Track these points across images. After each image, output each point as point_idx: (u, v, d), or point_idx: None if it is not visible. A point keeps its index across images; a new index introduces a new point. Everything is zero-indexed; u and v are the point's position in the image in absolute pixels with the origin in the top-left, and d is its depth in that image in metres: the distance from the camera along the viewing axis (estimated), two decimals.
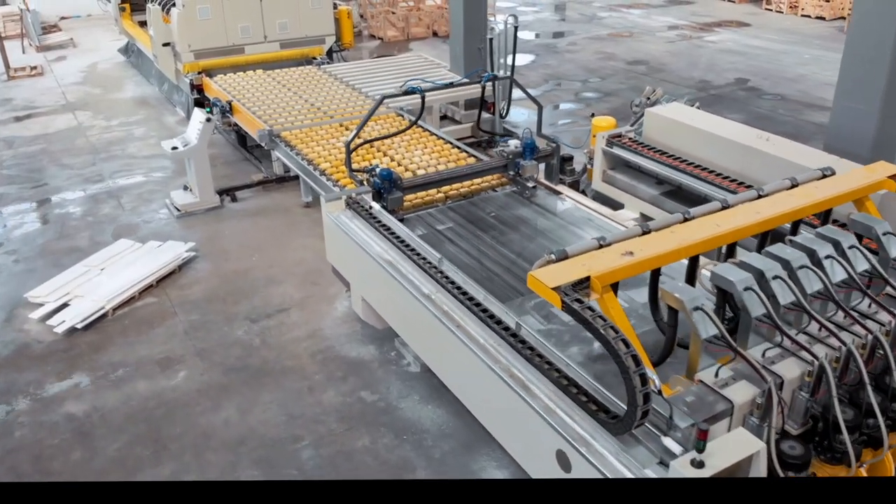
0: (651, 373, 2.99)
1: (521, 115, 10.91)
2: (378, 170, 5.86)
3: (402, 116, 8.82)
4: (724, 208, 4.01)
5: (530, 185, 6.45)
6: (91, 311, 6.00)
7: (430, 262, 4.57)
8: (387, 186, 5.81)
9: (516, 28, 9.57)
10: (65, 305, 6.17)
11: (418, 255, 4.66)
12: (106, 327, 6.00)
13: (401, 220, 5.76)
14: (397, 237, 4.90)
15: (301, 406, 5.12)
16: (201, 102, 10.42)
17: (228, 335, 5.91)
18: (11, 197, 8.40)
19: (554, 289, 3.18)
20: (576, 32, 16.18)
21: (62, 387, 5.36)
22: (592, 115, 7.52)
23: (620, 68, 13.39)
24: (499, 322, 3.92)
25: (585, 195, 7.05)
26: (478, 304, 4.08)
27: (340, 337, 5.86)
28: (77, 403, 5.18)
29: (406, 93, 6.13)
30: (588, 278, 3.27)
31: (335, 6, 11.49)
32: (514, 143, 6.58)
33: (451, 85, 6.40)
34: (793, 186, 4.24)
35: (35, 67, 13.39)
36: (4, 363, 5.64)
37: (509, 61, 9.67)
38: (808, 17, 17.67)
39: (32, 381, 5.43)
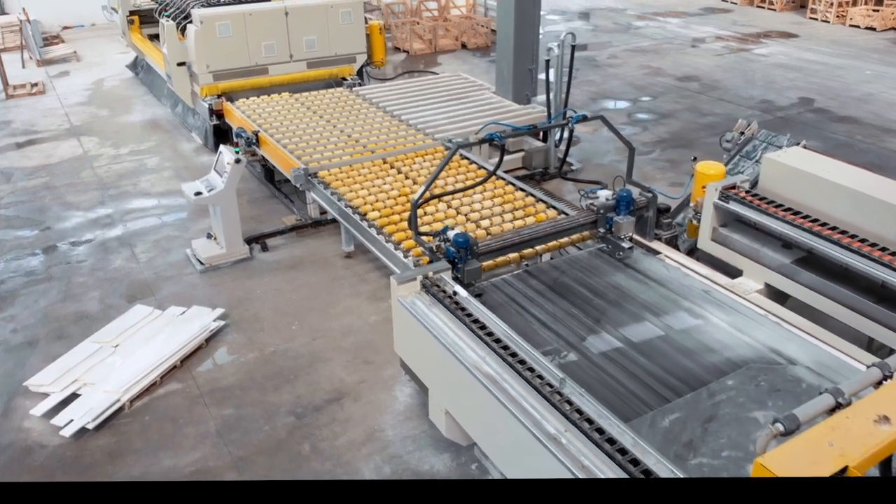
0: None
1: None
2: (452, 235, 4.84)
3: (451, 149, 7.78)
4: None
5: (626, 245, 5.42)
6: (104, 407, 4.95)
7: (548, 383, 3.51)
8: (462, 255, 4.78)
9: (573, 48, 8.53)
10: (73, 395, 5.12)
11: (531, 370, 3.60)
12: (122, 426, 4.95)
13: (478, 296, 4.75)
14: (499, 342, 3.83)
15: None
16: (222, 131, 9.40)
17: (271, 437, 4.86)
18: (9, 244, 7.35)
19: None
20: (614, 44, 15.12)
21: None
22: (694, 158, 6.48)
23: (671, 85, 12.34)
24: None
25: (676, 248, 6.03)
26: (635, 461, 3.03)
27: (406, 441, 4.81)
28: None
29: (484, 141, 5.08)
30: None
31: (365, 21, 10.45)
32: (604, 195, 5.56)
33: (534, 128, 5.32)
34: None
35: (36, 84, 12.34)
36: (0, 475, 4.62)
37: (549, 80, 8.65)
38: (857, 27, 16.62)
39: None
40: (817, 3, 17.39)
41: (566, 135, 8.68)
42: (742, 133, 6.97)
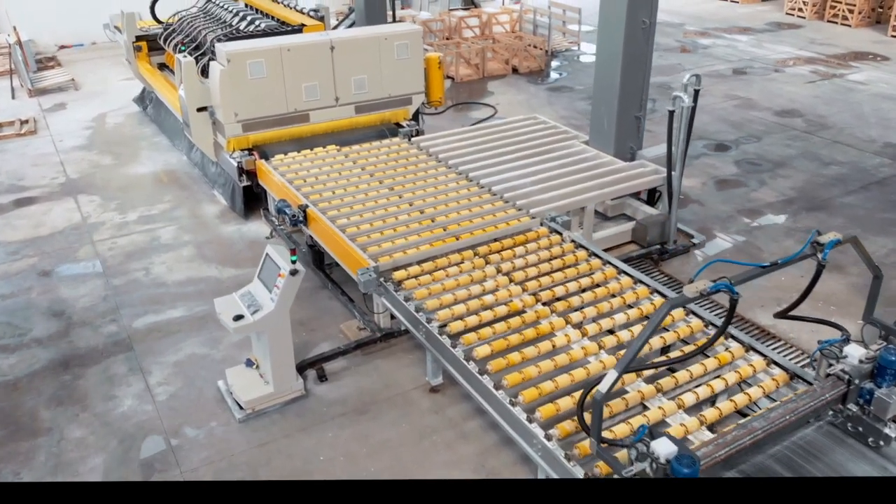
0: None
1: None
2: (664, 453, 3.05)
3: (562, 235, 6.01)
4: None
5: (892, 434, 3.63)
6: None
7: None
8: None
9: (697, 92, 6.74)
10: None
11: None
12: None
13: None
14: None
15: None
16: (253, 193, 7.61)
17: None
18: None
19: None
20: (685, 66, 13.29)
21: None
22: None
23: (771, 122, 10.51)
24: None
25: None
26: None
27: None
28: None
29: (710, 294, 3.28)
30: None
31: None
32: (855, 354, 3.77)
33: (775, 265, 3.51)
34: None
35: (26, 122, 10.53)
36: None
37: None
38: None
39: None
40: None
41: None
42: None
